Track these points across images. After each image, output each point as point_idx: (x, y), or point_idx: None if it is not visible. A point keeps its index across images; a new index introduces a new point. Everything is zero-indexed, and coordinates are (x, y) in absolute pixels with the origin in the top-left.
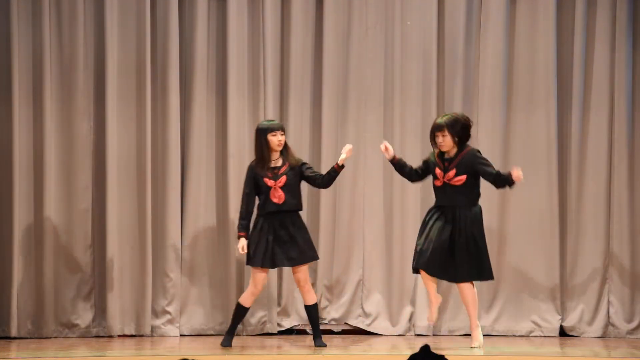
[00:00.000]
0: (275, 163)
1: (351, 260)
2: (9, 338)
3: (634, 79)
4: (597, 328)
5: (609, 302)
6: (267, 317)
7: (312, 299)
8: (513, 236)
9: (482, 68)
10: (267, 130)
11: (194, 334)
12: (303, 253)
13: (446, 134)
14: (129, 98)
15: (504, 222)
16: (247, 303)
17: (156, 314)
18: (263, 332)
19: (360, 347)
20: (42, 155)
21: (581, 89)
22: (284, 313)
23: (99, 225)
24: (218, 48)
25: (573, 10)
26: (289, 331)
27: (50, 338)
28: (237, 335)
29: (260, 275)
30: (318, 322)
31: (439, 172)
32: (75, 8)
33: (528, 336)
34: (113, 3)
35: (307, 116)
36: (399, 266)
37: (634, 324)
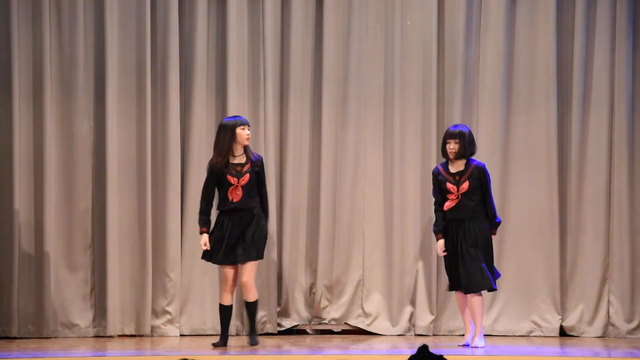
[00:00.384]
0: (240, 159)
1: (351, 260)
2: (10, 338)
3: (634, 79)
4: (597, 328)
5: (609, 302)
6: (267, 317)
7: (253, 295)
8: (513, 236)
9: (482, 68)
10: (237, 124)
11: (194, 334)
12: (247, 252)
13: (458, 141)
14: (129, 98)
15: (504, 222)
16: (225, 301)
17: (156, 314)
18: (263, 332)
19: (360, 347)
20: (42, 155)
21: (581, 89)
22: (284, 313)
23: (99, 225)
24: (218, 48)
25: (573, 11)
26: (289, 331)
27: (50, 338)
28: (237, 335)
29: (228, 271)
30: (255, 320)
31: (451, 187)
32: (75, 8)
33: (528, 336)
34: (113, 3)
35: (307, 116)
36: (399, 266)
37: (634, 324)
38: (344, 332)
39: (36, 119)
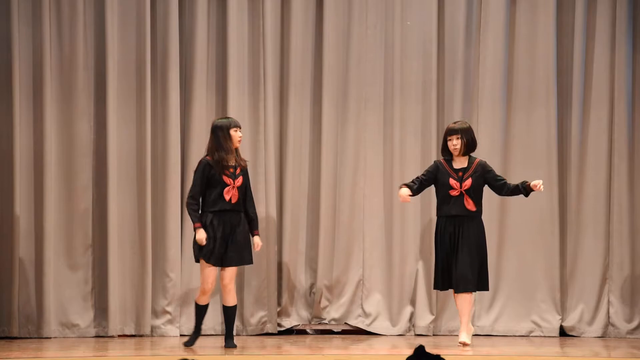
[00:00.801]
0: (231, 161)
1: (351, 260)
2: (10, 338)
3: (634, 79)
4: (597, 328)
5: (609, 302)
6: (267, 317)
7: (232, 300)
8: (513, 236)
9: (482, 68)
10: (230, 125)
11: None
12: (241, 255)
13: (460, 137)
14: (129, 98)
15: (504, 222)
16: (202, 301)
17: (156, 314)
18: (263, 332)
19: (360, 347)
20: (42, 155)
21: (581, 89)
22: (284, 313)
23: (99, 225)
24: (218, 47)
25: (573, 10)
26: (289, 331)
27: (50, 338)
28: (237, 335)
29: (209, 271)
30: (233, 324)
31: (454, 183)
32: (75, 8)
33: (528, 336)
34: (113, 3)
35: (307, 116)
36: (399, 266)
37: (634, 324)
38: (344, 332)
39: (36, 119)
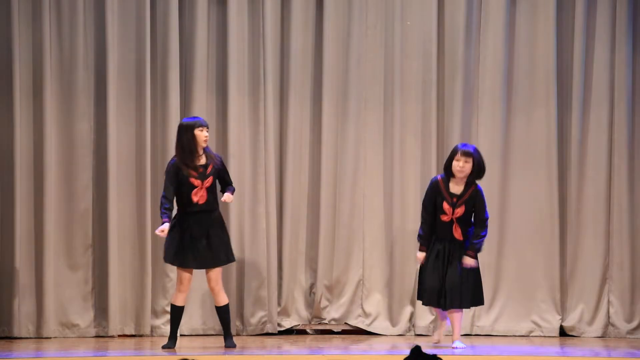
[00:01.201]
0: (200, 161)
1: (351, 260)
2: (10, 338)
3: (634, 79)
4: (597, 328)
5: (609, 302)
6: (267, 317)
7: (223, 300)
8: (513, 236)
9: (482, 68)
10: (195, 125)
11: (194, 334)
12: (217, 256)
13: (470, 162)
14: (129, 98)
15: (504, 222)
16: (179, 302)
17: (156, 314)
18: (263, 332)
19: (360, 347)
20: (42, 155)
21: (581, 89)
22: (284, 313)
23: (99, 225)
24: (218, 48)
25: (573, 10)
26: (289, 331)
27: (50, 338)
28: (237, 335)
29: (185, 274)
30: (229, 323)
31: (447, 208)
32: (75, 8)
33: (528, 336)
34: (113, 3)
35: (307, 116)
36: (399, 266)
37: (634, 324)
38: (344, 332)
39: (36, 119)
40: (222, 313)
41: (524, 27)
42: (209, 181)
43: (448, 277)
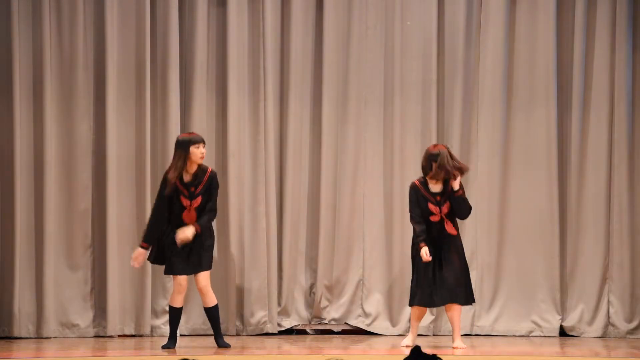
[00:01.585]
0: (192, 178)
1: (351, 260)
2: (10, 338)
3: (634, 79)
4: (597, 328)
5: (609, 302)
6: (267, 317)
7: (211, 301)
8: (513, 236)
9: (482, 68)
10: (190, 142)
11: (194, 334)
12: (200, 261)
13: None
14: (129, 98)
15: (504, 222)
16: (177, 303)
17: (156, 314)
18: (263, 332)
19: (360, 347)
20: (42, 155)
21: (581, 89)
22: (284, 313)
23: (99, 225)
24: (218, 48)
25: (573, 10)
26: (289, 331)
27: (50, 338)
28: (237, 335)
29: (182, 278)
30: (219, 323)
31: (433, 208)
32: (75, 8)
33: (528, 336)
34: (113, 3)
35: (307, 116)
36: (399, 266)
37: (634, 324)
38: (344, 332)
39: (36, 119)
40: (213, 313)
41: (524, 27)
42: (197, 201)
43: (444, 274)
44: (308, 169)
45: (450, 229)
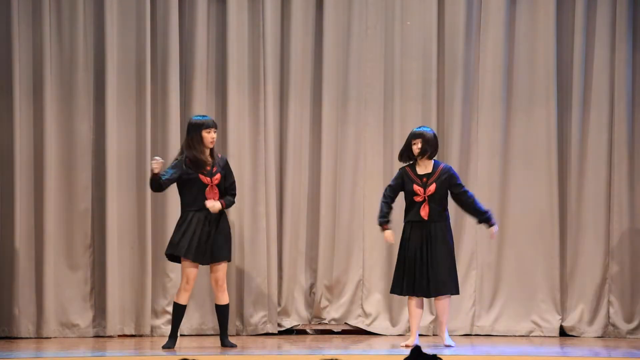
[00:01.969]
0: (207, 160)
1: (351, 260)
2: (10, 338)
3: (634, 79)
4: (597, 328)
5: (609, 302)
6: (267, 317)
7: (225, 299)
8: (513, 236)
9: (482, 68)
10: (202, 126)
11: (193, 334)
12: (223, 251)
13: (417, 142)
14: (129, 98)
15: (504, 222)
16: (183, 300)
17: (156, 314)
18: (263, 332)
19: (360, 347)
20: (42, 155)
21: (581, 88)
22: (284, 313)
23: (99, 225)
24: (218, 48)
25: (573, 10)
26: (289, 331)
27: (50, 338)
28: (237, 335)
29: (191, 270)
30: (227, 322)
31: (418, 189)
32: (75, 8)
33: (528, 336)
34: (113, 3)
35: (307, 116)
36: None
37: (634, 324)
38: (344, 332)
39: (36, 119)
40: (224, 312)
41: (524, 27)
42: (216, 178)
43: (433, 266)
44: (308, 169)
45: (424, 213)
